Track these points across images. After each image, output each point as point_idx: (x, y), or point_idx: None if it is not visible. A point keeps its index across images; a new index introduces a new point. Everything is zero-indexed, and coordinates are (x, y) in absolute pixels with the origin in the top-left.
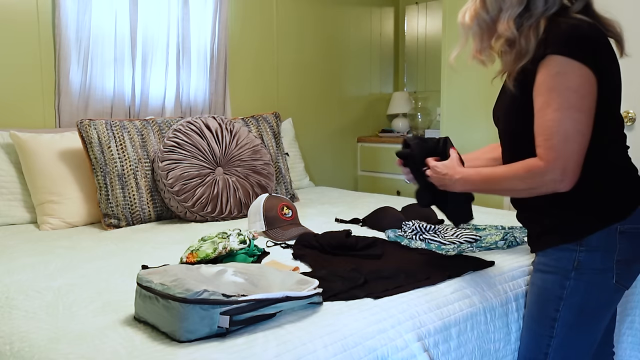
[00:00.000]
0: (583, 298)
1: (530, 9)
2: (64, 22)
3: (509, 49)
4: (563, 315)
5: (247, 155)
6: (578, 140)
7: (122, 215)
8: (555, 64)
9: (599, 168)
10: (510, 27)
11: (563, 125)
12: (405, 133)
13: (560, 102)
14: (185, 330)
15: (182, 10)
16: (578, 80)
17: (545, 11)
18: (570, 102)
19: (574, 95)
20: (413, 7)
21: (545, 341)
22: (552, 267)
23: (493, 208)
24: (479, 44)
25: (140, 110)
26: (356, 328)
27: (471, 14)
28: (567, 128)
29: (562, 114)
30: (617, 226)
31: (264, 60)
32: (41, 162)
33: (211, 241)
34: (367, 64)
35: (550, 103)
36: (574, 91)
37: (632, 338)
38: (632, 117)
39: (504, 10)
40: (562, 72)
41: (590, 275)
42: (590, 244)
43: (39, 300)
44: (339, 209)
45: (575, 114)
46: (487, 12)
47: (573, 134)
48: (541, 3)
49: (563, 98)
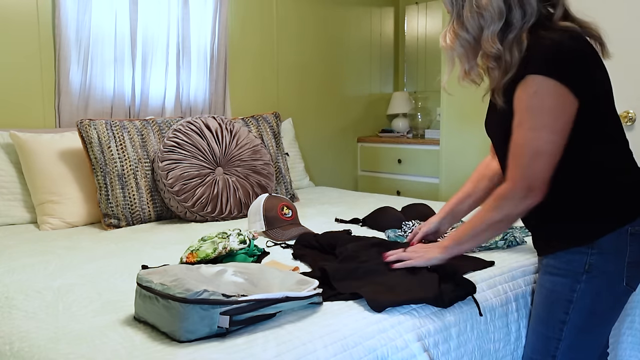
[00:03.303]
0: (593, 301)
1: (511, 22)
2: (64, 22)
3: (495, 64)
4: (572, 318)
5: (247, 155)
6: (546, 160)
7: (122, 215)
8: (532, 83)
9: (603, 171)
10: (494, 44)
11: (533, 144)
12: (405, 133)
13: (533, 122)
14: (185, 330)
15: (182, 10)
16: (554, 101)
17: (525, 23)
18: (543, 123)
19: (548, 116)
20: (413, 7)
21: (554, 344)
22: (562, 269)
23: None
24: (465, 64)
25: (140, 110)
26: (356, 328)
27: (451, 36)
28: (536, 148)
29: (534, 134)
30: (628, 228)
31: (264, 60)
32: (41, 162)
33: (211, 241)
34: (367, 64)
35: (524, 122)
36: (548, 112)
37: (632, 338)
38: (632, 117)
39: (485, 27)
40: (538, 92)
41: (601, 279)
42: (602, 246)
43: (39, 300)
44: (339, 209)
45: (546, 135)
46: (468, 32)
47: (541, 154)
48: (519, 16)
49: (537, 118)
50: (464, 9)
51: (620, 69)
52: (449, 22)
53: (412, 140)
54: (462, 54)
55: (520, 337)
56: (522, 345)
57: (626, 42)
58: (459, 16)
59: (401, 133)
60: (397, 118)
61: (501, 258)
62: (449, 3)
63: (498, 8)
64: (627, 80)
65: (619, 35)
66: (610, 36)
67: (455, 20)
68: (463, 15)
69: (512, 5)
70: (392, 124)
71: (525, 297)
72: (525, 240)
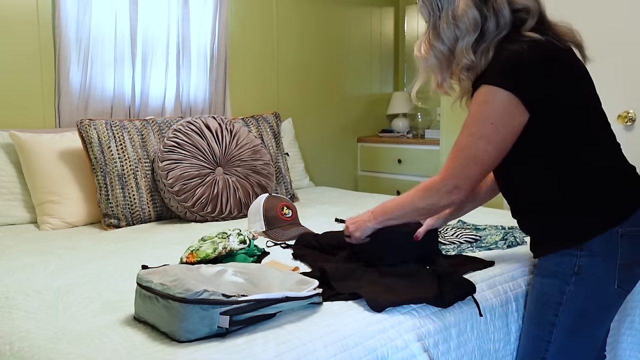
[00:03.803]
0: (583, 303)
1: (484, 33)
2: (64, 22)
3: (467, 74)
4: (562, 320)
5: (247, 155)
6: (477, 169)
7: (122, 215)
8: (483, 92)
9: (591, 172)
10: (468, 55)
11: (469, 151)
12: (405, 133)
13: (474, 130)
14: (185, 330)
15: (182, 10)
16: (499, 112)
17: (497, 35)
18: (482, 132)
19: (490, 127)
20: (413, 7)
21: (544, 346)
22: (552, 271)
23: (493, 208)
24: (438, 76)
25: (140, 110)
26: (356, 328)
27: (426, 47)
28: (472, 154)
29: (472, 141)
30: (618, 229)
31: (264, 60)
32: (41, 162)
33: (211, 241)
34: (367, 64)
35: (467, 127)
36: (490, 122)
37: (632, 338)
38: (632, 117)
39: (460, 38)
40: (486, 101)
41: (591, 281)
42: (591, 248)
43: (39, 300)
44: (339, 209)
45: (483, 144)
46: (443, 43)
47: (475, 161)
48: (493, 27)
49: (478, 127)
50: (440, 19)
51: (620, 69)
52: (425, 32)
53: (412, 140)
54: (436, 65)
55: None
56: None
57: (625, 42)
58: (435, 27)
59: (401, 133)
60: (397, 118)
61: (501, 258)
62: (427, 14)
63: (474, 19)
64: (627, 80)
65: (619, 36)
66: (609, 36)
67: (432, 31)
68: (439, 26)
69: (488, 16)
70: (392, 124)
71: (525, 297)
72: (525, 240)
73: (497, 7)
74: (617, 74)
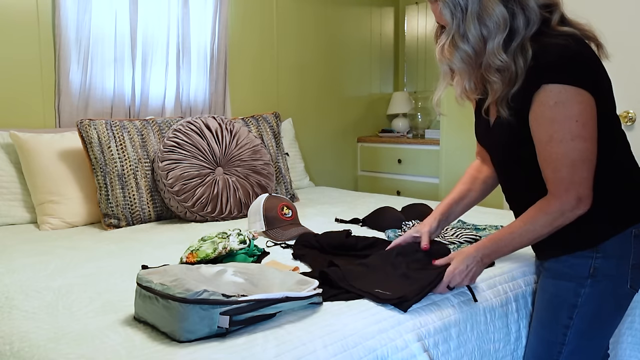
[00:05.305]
0: (598, 305)
1: (514, 31)
2: (64, 22)
3: (498, 76)
4: (576, 323)
5: (247, 155)
6: (586, 168)
7: (122, 215)
8: (552, 94)
9: (607, 173)
10: (500, 55)
11: (569, 156)
12: (405, 133)
13: (563, 134)
14: (185, 330)
15: (182, 10)
16: (578, 108)
17: (529, 31)
18: (573, 133)
19: (576, 124)
20: (413, 7)
21: (557, 348)
22: (565, 274)
23: (493, 208)
24: (466, 81)
25: (140, 110)
26: (356, 328)
27: (450, 49)
28: (573, 159)
29: (567, 146)
30: (632, 230)
31: (264, 60)
32: (41, 162)
33: (211, 241)
34: (367, 64)
35: (554, 136)
36: (575, 120)
37: (632, 338)
38: (632, 117)
39: (490, 39)
40: (560, 101)
41: (605, 282)
42: (606, 249)
43: (39, 300)
44: (339, 209)
45: (579, 143)
46: (469, 43)
47: (580, 164)
48: (523, 24)
49: (566, 129)
50: (465, 20)
51: (621, 69)
52: (447, 35)
53: (412, 140)
54: (464, 69)
55: (520, 337)
56: (522, 345)
57: (626, 42)
58: (459, 27)
59: (401, 133)
60: (397, 118)
61: (501, 258)
62: (449, 15)
63: (502, 16)
64: (627, 80)
65: (619, 36)
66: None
67: (455, 32)
68: (464, 26)
69: (516, 12)
70: (392, 124)
71: (525, 297)
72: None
73: (523, 2)
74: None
